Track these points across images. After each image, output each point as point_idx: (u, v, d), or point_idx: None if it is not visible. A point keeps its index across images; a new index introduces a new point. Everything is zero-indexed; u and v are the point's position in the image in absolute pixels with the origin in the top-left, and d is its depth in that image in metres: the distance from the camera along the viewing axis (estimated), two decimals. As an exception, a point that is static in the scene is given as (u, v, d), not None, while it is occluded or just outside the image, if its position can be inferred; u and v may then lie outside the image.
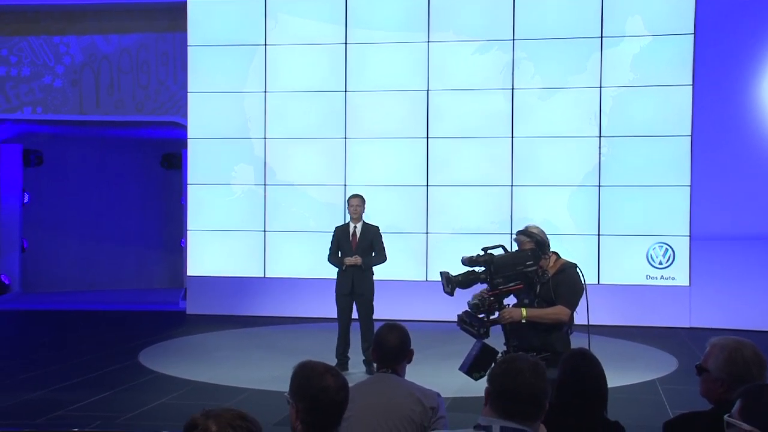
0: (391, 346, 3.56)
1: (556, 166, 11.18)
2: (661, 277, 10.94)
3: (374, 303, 8.15)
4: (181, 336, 10.38)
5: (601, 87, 11.08)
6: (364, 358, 8.00)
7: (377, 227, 8.25)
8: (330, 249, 8.24)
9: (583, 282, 4.78)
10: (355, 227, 8.19)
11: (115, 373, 8.08)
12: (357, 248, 8.08)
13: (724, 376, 2.83)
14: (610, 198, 11.08)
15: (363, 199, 8.28)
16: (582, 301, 4.76)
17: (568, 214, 11.13)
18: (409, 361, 3.64)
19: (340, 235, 8.22)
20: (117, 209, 15.07)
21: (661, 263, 10.95)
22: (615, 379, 5.33)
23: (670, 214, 10.93)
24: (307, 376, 2.58)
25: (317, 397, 2.52)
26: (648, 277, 10.97)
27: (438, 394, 3.52)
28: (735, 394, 2.35)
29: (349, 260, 8.03)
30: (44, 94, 12.89)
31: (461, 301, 4.81)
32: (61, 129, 13.75)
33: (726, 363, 2.82)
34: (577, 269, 4.81)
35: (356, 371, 7.88)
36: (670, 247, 10.94)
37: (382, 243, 8.20)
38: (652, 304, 10.89)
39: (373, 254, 8.15)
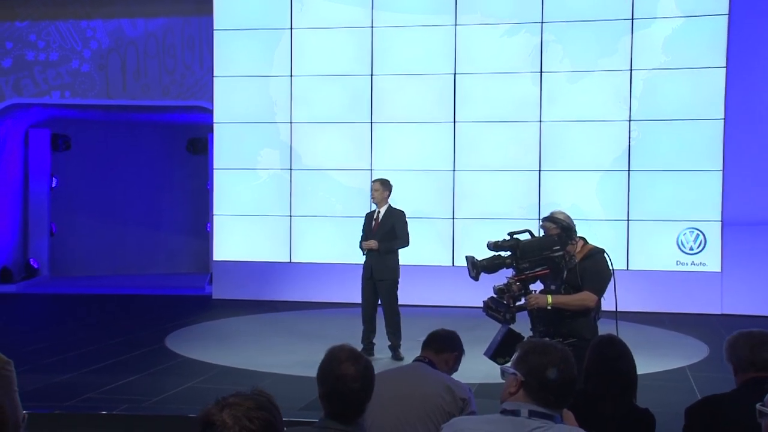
0: (441, 334, 3.75)
1: (584, 150, 11.03)
2: (692, 263, 10.77)
3: (400, 288, 8.09)
4: (207, 320, 10.42)
5: (631, 70, 10.90)
6: (389, 343, 7.96)
7: (401, 211, 8.17)
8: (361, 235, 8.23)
9: (610, 268, 4.71)
10: (379, 212, 8.14)
11: (141, 356, 8.12)
12: (377, 232, 8.03)
13: (733, 364, 3.18)
14: (640, 182, 10.92)
15: (384, 183, 8.19)
16: (610, 287, 4.69)
17: (597, 199, 10.98)
18: (450, 366, 3.74)
19: (367, 221, 8.21)
20: (143, 194, 15.14)
21: (692, 249, 10.78)
22: (644, 366, 5.25)
23: (702, 198, 10.75)
24: (329, 363, 2.62)
25: (334, 384, 2.56)
26: (678, 263, 10.81)
27: (469, 389, 3.54)
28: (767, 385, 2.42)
29: (365, 244, 8.01)
30: (72, 79, 12.94)
31: (488, 286, 4.76)
32: (88, 113, 13.82)
33: (725, 351, 3.21)
34: (605, 255, 4.74)
35: (382, 357, 7.85)
36: (702, 232, 10.76)
37: (405, 227, 8.10)
38: (683, 291, 10.73)
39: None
